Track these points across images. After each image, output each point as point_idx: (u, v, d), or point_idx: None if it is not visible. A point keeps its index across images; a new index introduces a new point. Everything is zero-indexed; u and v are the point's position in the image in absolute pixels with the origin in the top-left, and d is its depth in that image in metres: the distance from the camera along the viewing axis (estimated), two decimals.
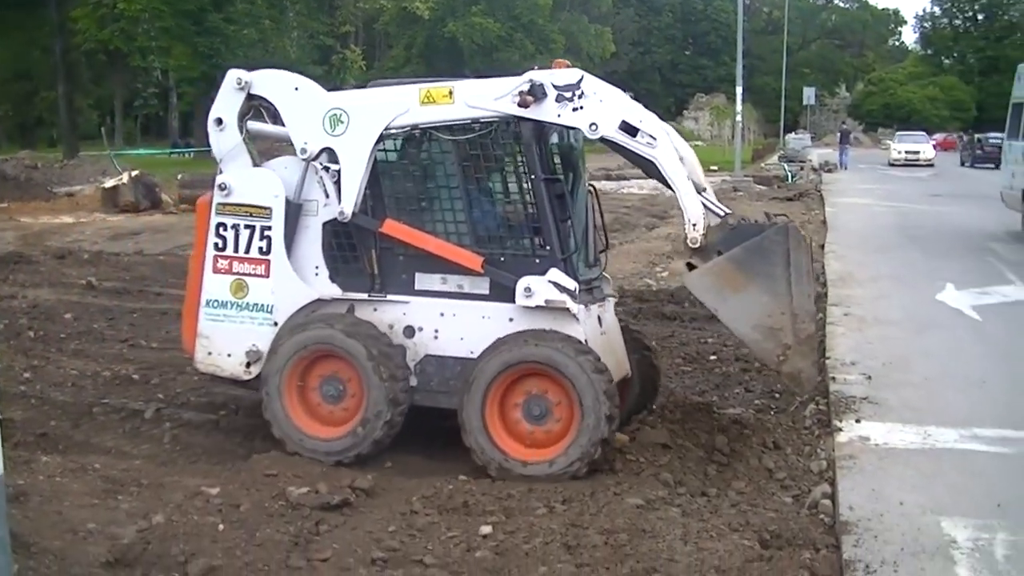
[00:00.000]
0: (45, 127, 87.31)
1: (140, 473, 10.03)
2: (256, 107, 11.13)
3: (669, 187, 10.02)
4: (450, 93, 10.16)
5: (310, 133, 10.57)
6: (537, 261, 10.17)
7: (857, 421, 11.16)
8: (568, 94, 9.83)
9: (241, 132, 10.94)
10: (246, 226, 10.77)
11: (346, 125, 10.46)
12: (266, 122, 11.47)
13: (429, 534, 8.45)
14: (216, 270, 10.90)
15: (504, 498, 9.12)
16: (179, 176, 40.32)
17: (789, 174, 55.93)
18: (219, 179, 10.89)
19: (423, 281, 10.54)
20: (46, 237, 28.89)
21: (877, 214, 35.75)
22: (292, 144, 10.76)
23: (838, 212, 35.80)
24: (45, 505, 8.87)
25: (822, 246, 26.59)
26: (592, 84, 9.90)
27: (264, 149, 12.12)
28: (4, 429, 10.65)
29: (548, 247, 10.19)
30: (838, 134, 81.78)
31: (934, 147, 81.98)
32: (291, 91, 10.82)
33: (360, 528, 8.58)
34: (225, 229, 10.84)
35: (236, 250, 10.82)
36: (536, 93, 9.83)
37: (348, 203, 10.42)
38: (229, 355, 10.89)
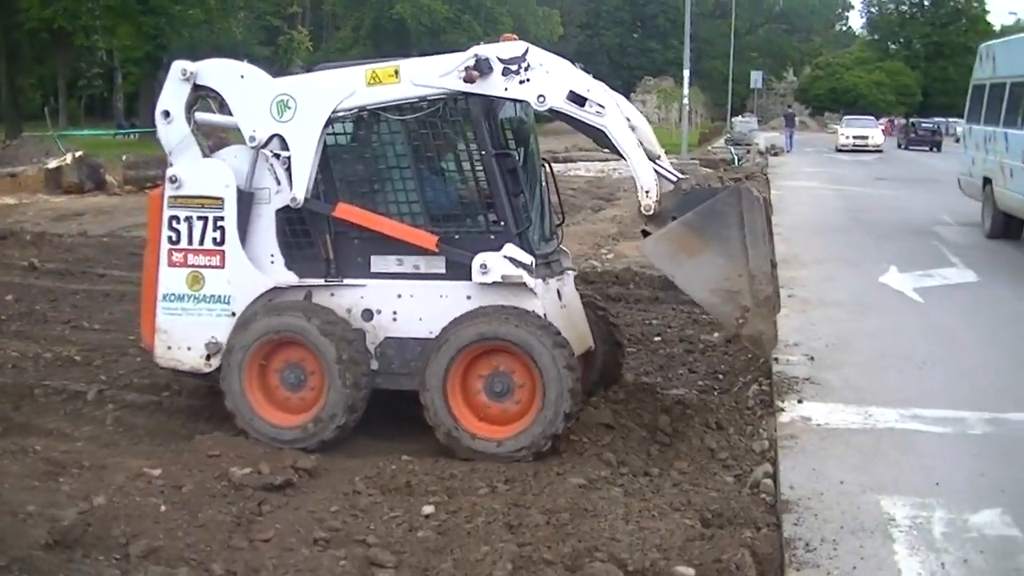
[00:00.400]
0: None
1: (82, 455, 9.96)
2: (203, 97, 11.05)
3: (620, 155, 10.01)
4: (396, 72, 10.10)
5: (258, 121, 10.49)
6: (492, 237, 10.14)
7: (799, 401, 11.23)
8: (514, 67, 9.80)
9: (189, 123, 10.84)
10: (199, 218, 10.64)
11: (293, 111, 10.37)
12: (214, 112, 11.41)
13: (371, 514, 8.45)
14: (171, 263, 10.77)
15: (446, 478, 9.13)
16: (124, 157, 39.96)
17: (736, 157, 56.08)
18: (169, 172, 10.78)
19: (379, 263, 10.49)
20: None
21: (823, 197, 35.97)
22: (241, 133, 10.69)
23: (784, 195, 35.96)
24: None
25: None
26: (538, 56, 9.88)
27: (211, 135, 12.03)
28: None
29: (502, 222, 10.16)
30: (783, 117, 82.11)
31: (883, 132, 79.69)
32: (237, 79, 10.72)
33: (302, 508, 8.57)
34: (178, 222, 10.71)
35: (190, 242, 10.69)
36: (482, 67, 9.77)
37: (299, 189, 10.35)
38: (189, 348, 10.78)
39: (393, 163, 10.48)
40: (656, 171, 10.13)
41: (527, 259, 9.97)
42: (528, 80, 9.83)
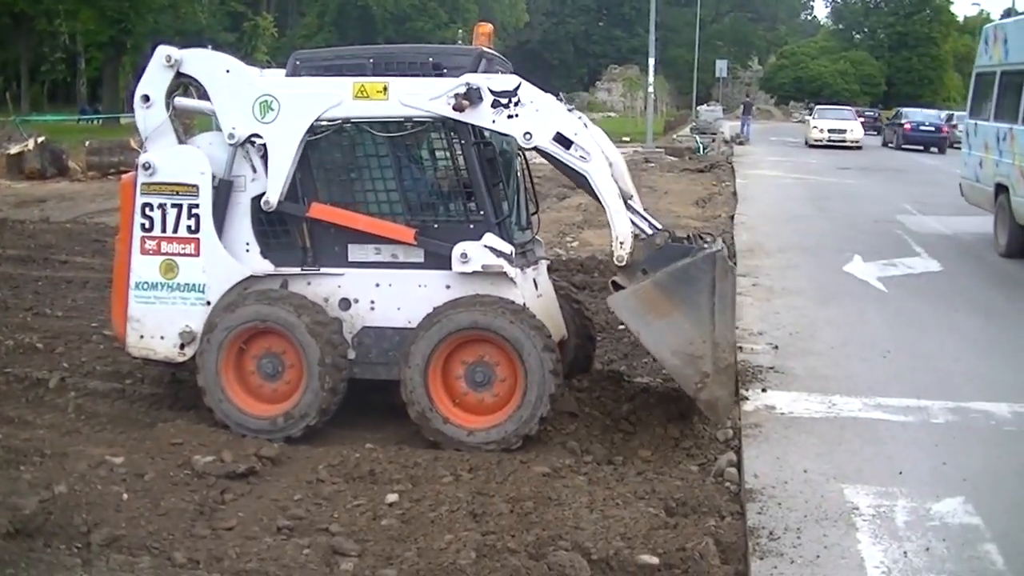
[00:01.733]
0: None
1: (43, 443, 9.89)
2: (184, 85, 10.94)
3: (599, 201, 10.02)
4: (384, 89, 9.99)
5: (239, 118, 10.39)
6: (472, 227, 10.14)
7: (763, 390, 11.28)
8: (504, 100, 9.78)
9: (168, 109, 10.74)
10: (173, 205, 10.54)
11: (276, 113, 10.28)
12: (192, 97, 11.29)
13: (335, 502, 8.44)
14: (144, 251, 10.66)
15: (410, 466, 9.12)
16: (87, 143, 39.67)
17: (700, 146, 56.14)
18: (143, 158, 10.67)
19: (357, 252, 10.46)
20: None
21: (787, 186, 36.07)
22: (219, 125, 10.60)
23: (748, 184, 36.04)
24: None
25: (732, 217, 26.78)
26: (529, 92, 9.87)
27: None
28: None
29: (482, 212, 10.16)
30: (741, 106, 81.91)
31: (862, 124, 68.66)
32: (222, 73, 10.59)
33: (266, 496, 8.56)
34: (151, 209, 10.60)
35: (164, 230, 10.58)
36: (472, 97, 9.72)
37: (273, 192, 10.29)
38: (162, 337, 10.69)
39: (371, 156, 10.42)
40: (631, 219, 10.12)
41: (507, 248, 9.98)
42: (517, 116, 9.80)
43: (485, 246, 9.94)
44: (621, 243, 9.84)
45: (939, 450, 9.59)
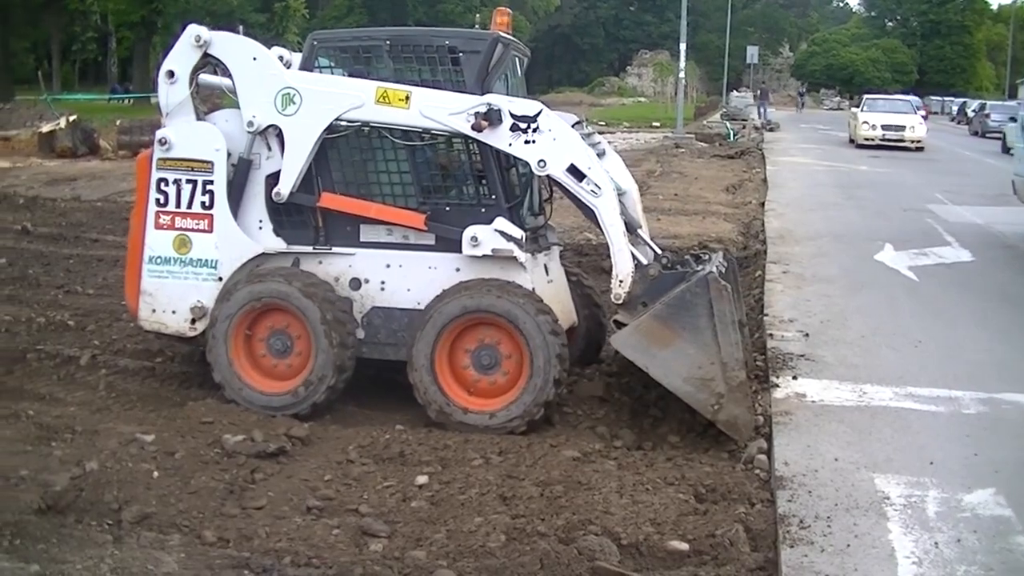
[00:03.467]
0: None
1: (74, 420, 9.96)
2: (210, 65, 10.98)
3: (606, 238, 10.06)
4: (407, 99, 10.06)
5: (260, 107, 10.49)
6: (483, 211, 10.19)
7: (794, 378, 11.21)
8: (524, 125, 9.83)
9: (191, 87, 10.82)
10: (188, 181, 10.66)
11: (297, 107, 10.38)
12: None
13: (365, 483, 8.47)
14: (158, 226, 10.79)
15: (440, 448, 9.15)
16: (117, 122, 39.83)
17: (731, 132, 56.00)
18: (160, 133, 10.80)
19: (368, 233, 10.53)
20: None
21: (817, 173, 35.89)
22: (240, 109, 10.65)
23: (779, 170, 35.89)
24: None
25: (762, 204, 26.68)
26: (548, 120, 9.89)
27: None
28: None
29: (494, 196, 10.22)
30: (758, 91, 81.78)
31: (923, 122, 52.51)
32: (249, 60, 10.68)
33: (295, 477, 8.59)
34: (166, 184, 10.73)
35: (178, 205, 10.71)
36: (492, 118, 9.79)
37: (286, 185, 10.43)
38: (174, 312, 10.81)
39: (385, 143, 10.46)
40: (632, 253, 10.10)
41: (517, 233, 10.03)
42: (534, 142, 9.85)
43: (496, 230, 10.00)
44: (621, 281, 9.92)
45: (970, 441, 9.52)
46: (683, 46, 55.84)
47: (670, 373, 9.51)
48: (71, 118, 37.79)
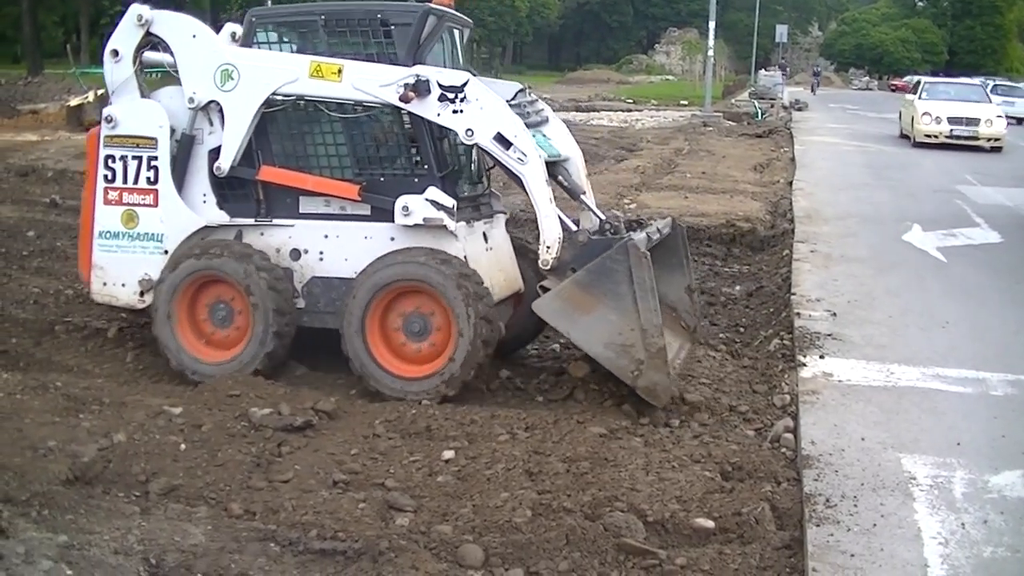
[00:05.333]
0: (8, 43, 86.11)
1: (102, 392, 10.01)
2: (153, 43, 11.23)
3: (532, 205, 10.20)
4: (339, 72, 10.33)
5: (200, 84, 10.78)
6: (416, 180, 10.42)
7: (821, 357, 11.18)
8: (451, 95, 10.04)
9: (135, 65, 11.13)
10: (133, 157, 11.01)
11: (236, 82, 10.67)
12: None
13: (391, 457, 8.48)
14: (107, 201, 11.14)
15: (467, 424, 9.16)
16: None
17: (759, 111, 55.83)
18: (106, 111, 11.16)
19: (307, 204, 10.83)
20: (9, 154, 28.50)
21: (845, 153, 35.73)
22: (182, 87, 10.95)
23: (807, 150, 35.76)
24: (5, 422, 8.85)
25: (790, 183, 26.61)
26: (476, 90, 10.09)
27: None
28: None
29: (426, 166, 10.46)
30: (776, 67, 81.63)
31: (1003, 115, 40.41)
32: (188, 38, 10.97)
33: (322, 450, 8.61)
34: (114, 161, 11.08)
35: (125, 181, 11.06)
36: (420, 89, 10.03)
37: (227, 159, 10.72)
38: (123, 285, 11.15)
39: (321, 116, 10.73)
40: (561, 219, 10.27)
41: (449, 202, 10.20)
42: (461, 111, 10.07)
43: (427, 199, 10.18)
44: (548, 247, 10.04)
45: (998, 422, 9.49)
46: (712, 24, 55.74)
47: (591, 339, 9.67)
48: (99, 92, 37.77)
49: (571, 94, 79.26)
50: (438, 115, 10.10)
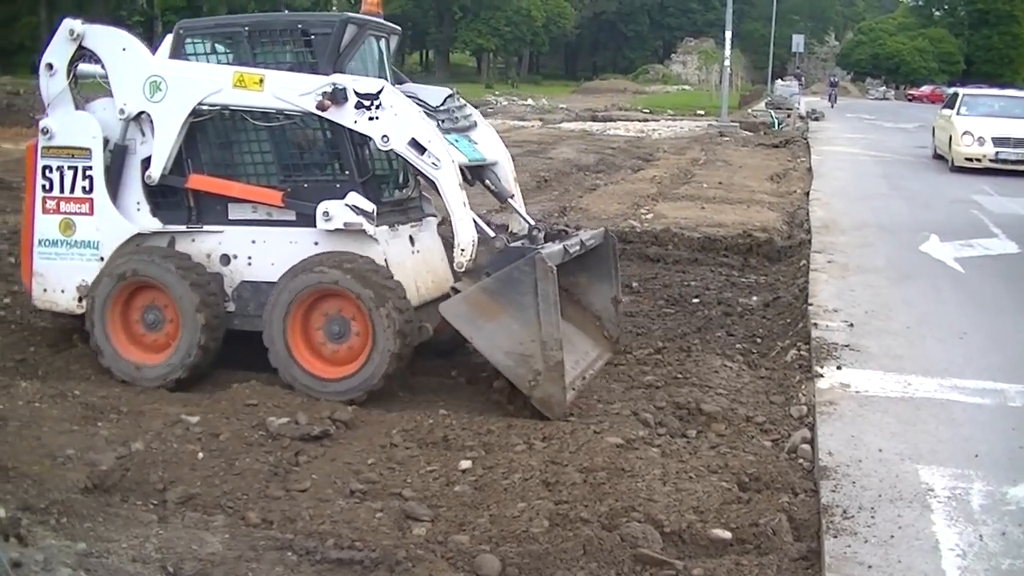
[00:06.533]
0: (27, 53, 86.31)
1: (120, 400, 10.05)
2: (85, 57, 11.40)
3: (447, 209, 10.37)
4: (261, 81, 10.50)
5: (130, 95, 10.97)
6: (338, 186, 10.58)
7: (838, 368, 11.16)
8: (367, 103, 10.23)
9: (68, 78, 11.30)
10: (69, 167, 11.22)
11: (164, 93, 10.85)
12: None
13: (408, 467, 8.49)
14: (45, 210, 11.37)
15: (484, 433, 9.16)
16: None
17: (776, 121, 55.84)
18: (43, 123, 11.36)
19: (236, 211, 11.02)
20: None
21: (863, 163, 35.68)
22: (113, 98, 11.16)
23: (824, 160, 35.75)
24: (24, 430, 8.90)
25: (807, 193, 26.60)
26: (391, 97, 10.28)
27: None
28: None
29: (347, 172, 10.64)
30: (792, 77, 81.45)
31: None
32: (119, 51, 11.16)
33: (339, 460, 8.62)
34: (51, 171, 11.30)
35: (62, 190, 11.28)
36: (337, 98, 10.22)
37: (156, 168, 10.92)
38: (63, 291, 11.37)
39: (247, 125, 10.89)
40: (476, 223, 10.46)
41: (368, 207, 10.36)
42: (377, 118, 10.24)
43: (346, 204, 10.34)
44: (462, 250, 10.20)
45: (1016, 434, 9.45)
46: (728, 34, 55.79)
47: (493, 346, 9.78)
48: None
49: (587, 104, 79.30)
50: (355, 122, 10.31)
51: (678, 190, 26.90)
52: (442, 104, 11.48)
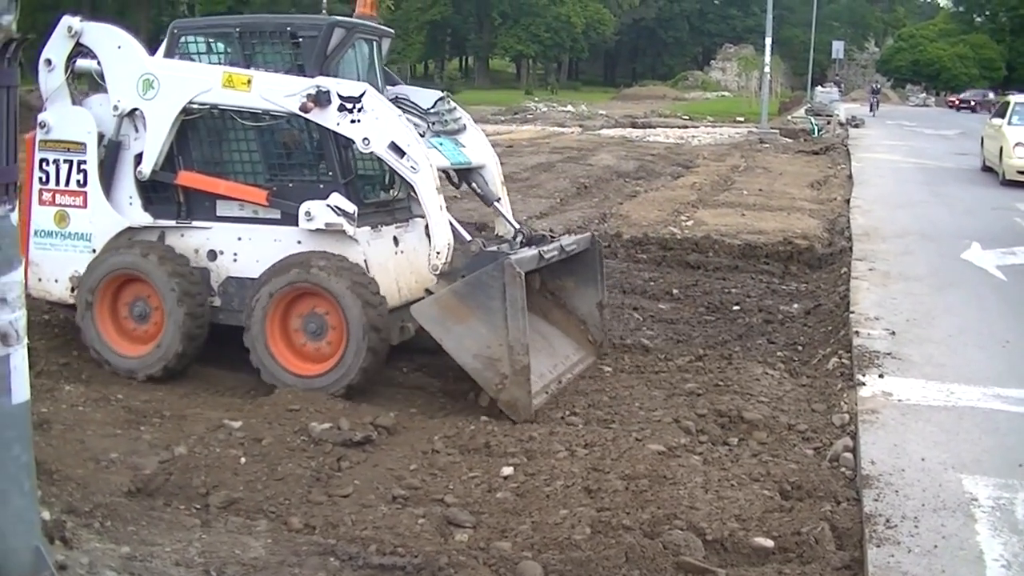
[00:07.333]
0: None
1: (163, 404, 10.15)
2: (83, 53, 11.68)
3: (424, 213, 10.58)
4: (249, 82, 10.73)
5: (124, 92, 11.27)
6: (321, 187, 10.81)
7: (880, 376, 11.11)
8: (350, 105, 10.44)
9: (66, 73, 11.56)
10: (65, 161, 11.58)
11: (156, 91, 11.14)
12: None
13: (450, 473, 8.51)
14: (42, 202, 11.76)
15: (526, 440, 9.16)
16: None
17: (816, 128, 55.66)
18: (40, 117, 11.66)
19: (224, 208, 11.30)
20: None
21: (903, 170, 35.52)
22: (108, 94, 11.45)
23: (864, 167, 35.59)
24: (68, 433, 8.99)
25: (848, 200, 26.50)
26: (372, 101, 10.49)
27: None
28: (28, 357, 10.72)
29: (330, 173, 10.86)
30: (832, 84, 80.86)
31: None
32: (114, 48, 11.44)
33: (381, 465, 8.65)
34: (47, 164, 11.66)
35: (57, 183, 11.64)
36: (320, 100, 10.47)
37: (148, 164, 11.21)
38: (56, 281, 11.76)
39: (236, 125, 11.15)
40: (453, 226, 10.65)
41: (350, 208, 10.56)
42: (359, 121, 10.43)
43: (328, 205, 10.55)
44: (438, 253, 10.38)
45: None
46: (768, 40, 55.58)
47: (461, 348, 9.95)
48: None
49: (627, 110, 79.23)
50: (338, 124, 10.50)
51: (718, 197, 26.86)
52: (432, 107, 11.88)
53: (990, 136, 34.63)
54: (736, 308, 15.17)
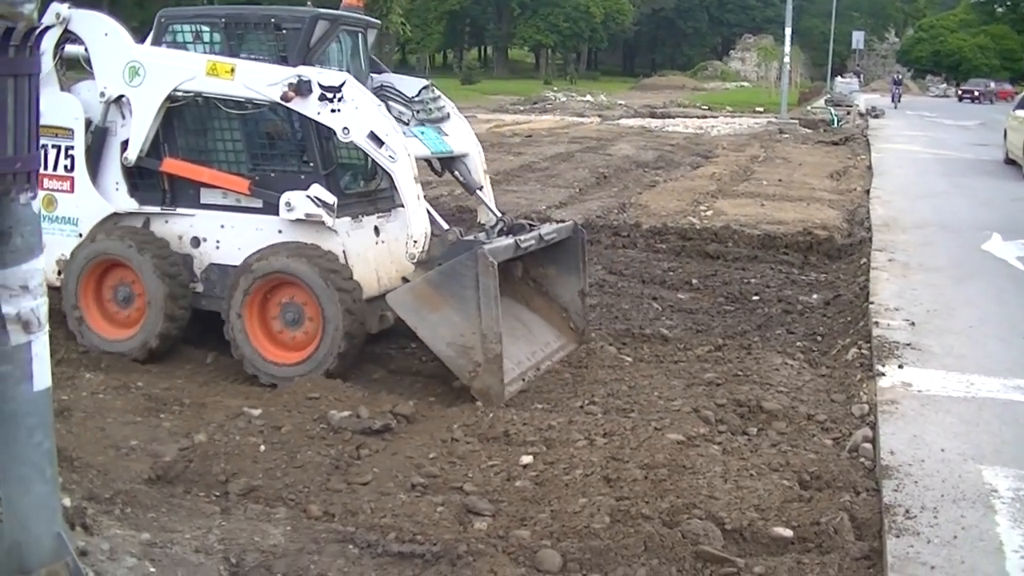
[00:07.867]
0: None
1: (182, 392, 10.18)
2: (70, 40, 11.82)
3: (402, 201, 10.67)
4: (232, 71, 10.84)
5: (111, 79, 11.41)
6: (302, 177, 10.92)
7: (900, 367, 11.09)
8: (330, 95, 10.51)
9: (54, 59, 11.66)
10: (53, 146, 11.70)
11: (142, 79, 11.25)
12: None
13: (469, 462, 8.50)
14: None
15: (545, 429, 9.13)
16: None
17: (835, 118, 55.53)
18: None
19: (207, 196, 11.45)
20: None
21: (923, 161, 35.45)
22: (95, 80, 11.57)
23: (884, 158, 35.52)
24: (88, 421, 9.02)
25: (868, 191, 26.44)
26: (352, 91, 10.55)
27: None
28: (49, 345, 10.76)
29: (312, 163, 10.95)
30: (852, 74, 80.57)
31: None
32: (101, 35, 11.56)
33: (400, 454, 8.64)
34: None
35: (45, 168, 11.66)
36: (301, 89, 10.53)
37: (133, 150, 11.34)
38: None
39: (220, 114, 11.24)
40: (431, 215, 10.72)
41: (330, 198, 10.68)
42: (339, 111, 10.51)
43: (308, 196, 10.67)
44: (415, 242, 10.43)
45: None
46: (788, 30, 55.41)
47: (435, 336, 10.09)
48: None
49: (646, 100, 79.15)
50: (318, 113, 10.57)
51: (737, 187, 26.82)
52: (417, 95, 11.90)
53: (1014, 128, 33.58)
54: (755, 298, 15.15)
